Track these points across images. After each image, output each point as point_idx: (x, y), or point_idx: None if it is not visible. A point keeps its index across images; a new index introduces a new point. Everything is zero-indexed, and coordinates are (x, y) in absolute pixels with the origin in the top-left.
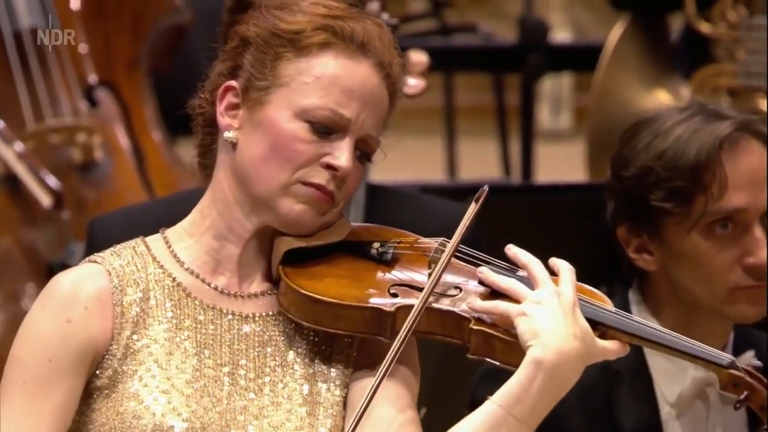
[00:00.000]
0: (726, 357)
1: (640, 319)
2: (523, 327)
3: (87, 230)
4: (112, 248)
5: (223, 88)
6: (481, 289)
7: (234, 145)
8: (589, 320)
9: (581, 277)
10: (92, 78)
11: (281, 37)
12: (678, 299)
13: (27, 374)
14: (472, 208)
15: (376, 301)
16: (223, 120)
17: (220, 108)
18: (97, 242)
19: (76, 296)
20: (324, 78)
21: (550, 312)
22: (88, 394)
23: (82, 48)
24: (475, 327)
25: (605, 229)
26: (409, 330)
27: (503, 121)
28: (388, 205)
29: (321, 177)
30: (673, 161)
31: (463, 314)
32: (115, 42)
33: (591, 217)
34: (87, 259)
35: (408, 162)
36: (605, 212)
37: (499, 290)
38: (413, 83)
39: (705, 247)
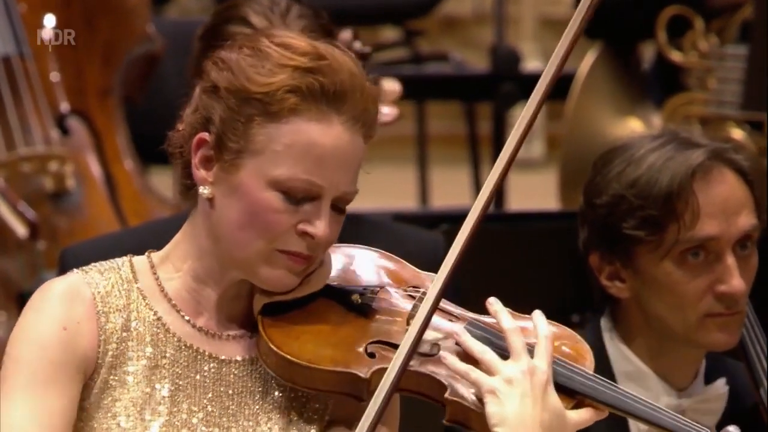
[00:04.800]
0: (704, 429)
1: (620, 388)
2: (491, 408)
3: (59, 260)
4: (98, 266)
5: (196, 141)
6: (460, 348)
7: (211, 200)
8: (565, 388)
9: (555, 304)
10: (64, 106)
11: (251, 99)
12: (650, 327)
13: (30, 376)
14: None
15: (351, 364)
16: (198, 173)
17: (195, 160)
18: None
19: (71, 309)
20: (295, 147)
21: (520, 395)
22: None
23: (54, 76)
24: (449, 398)
25: (578, 256)
26: (384, 403)
27: (475, 150)
28: (361, 233)
29: (298, 245)
30: (646, 190)
31: (440, 380)
32: (86, 70)
33: (563, 244)
34: (75, 271)
35: (380, 190)
36: (578, 240)
37: (473, 357)
38: (386, 111)
39: (677, 275)
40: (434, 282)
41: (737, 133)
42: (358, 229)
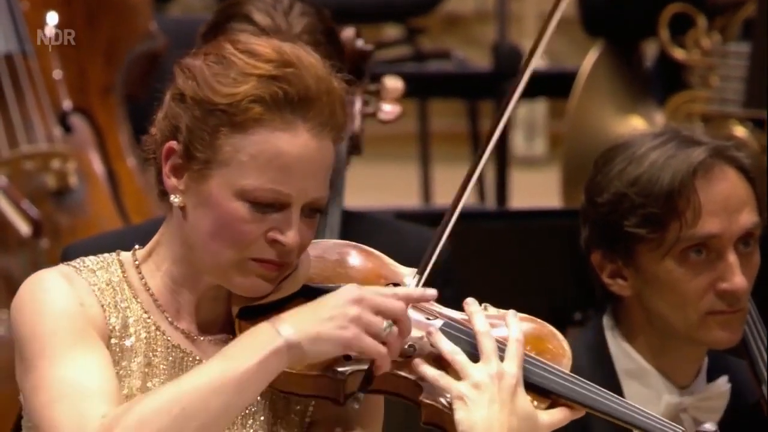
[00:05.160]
0: (679, 429)
1: (596, 387)
2: (459, 415)
3: (61, 257)
4: (88, 264)
5: (166, 150)
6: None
7: (182, 209)
8: (539, 388)
9: (557, 302)
10: (66, 104)
11: (216, 110)
12: (652, 325)
13: (64, 342)
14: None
15: (327, 368)
16: (169, 181)
17: (165, 169)
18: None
19: (78, 290)
20: (260, 157)
21: (487, 401)
22: None
23: (57, 74)
24: (424, 400)
25: (580, 254)
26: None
27: (477, 148)
28: (363, 231)
29: (270, 253)
30: (648, 187)
31: (416, 381)
32: (89, 68)
33: (565, 242)
34: (69, 264)
35: (383, 188)
36: (580, 238)
37: (444, 357)
38: (388, 109)
39: (679, 273)
40: (410, 284)
41: (739, 131)
42: (360, 227)
